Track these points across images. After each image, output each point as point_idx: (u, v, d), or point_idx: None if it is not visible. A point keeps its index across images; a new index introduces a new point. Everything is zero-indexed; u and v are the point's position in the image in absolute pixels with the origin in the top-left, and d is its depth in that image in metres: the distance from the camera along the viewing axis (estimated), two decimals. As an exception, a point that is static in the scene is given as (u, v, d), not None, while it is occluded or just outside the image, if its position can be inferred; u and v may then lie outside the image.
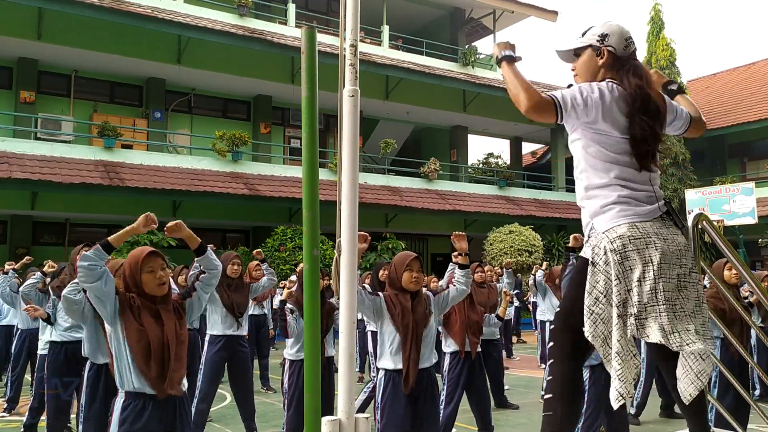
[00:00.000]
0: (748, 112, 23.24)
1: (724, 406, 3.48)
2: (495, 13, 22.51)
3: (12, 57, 15.99)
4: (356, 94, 2.16)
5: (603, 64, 2.55)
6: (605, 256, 2.39)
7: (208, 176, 15.88)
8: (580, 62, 2.62)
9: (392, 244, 16.96)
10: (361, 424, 2.09)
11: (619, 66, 2.55)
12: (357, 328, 2.29)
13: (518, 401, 7.81)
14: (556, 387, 2.43)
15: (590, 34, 2.61)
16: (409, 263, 3.96)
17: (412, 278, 3.95)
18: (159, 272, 3.13)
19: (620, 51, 2.56)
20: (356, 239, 2.14)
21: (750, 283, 3.25)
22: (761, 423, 5.59)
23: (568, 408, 2.41)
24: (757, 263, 21.29)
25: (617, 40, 2.56)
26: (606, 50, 2.55)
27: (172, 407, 3.07)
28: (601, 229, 2.44)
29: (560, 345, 2.47)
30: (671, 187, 21.32)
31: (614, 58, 2.55)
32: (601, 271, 2.38)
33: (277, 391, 8.20)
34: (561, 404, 2.41)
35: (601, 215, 2.45)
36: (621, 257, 2.35)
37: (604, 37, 2.56)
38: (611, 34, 2.56)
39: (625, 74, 2.52)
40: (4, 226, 15.96)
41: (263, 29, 17.95)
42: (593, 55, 2.58)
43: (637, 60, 2.60)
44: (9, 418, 6.93)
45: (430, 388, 4.02)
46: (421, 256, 4.12)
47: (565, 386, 2.42)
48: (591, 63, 2.58)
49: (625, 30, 2.59)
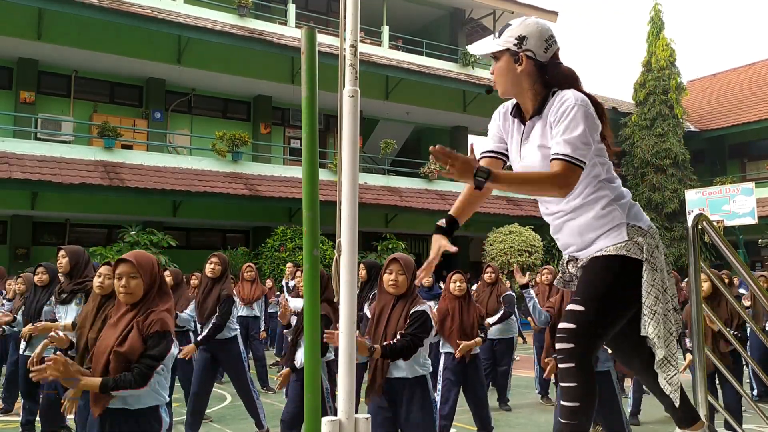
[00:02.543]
0: (748, 112, 23.23)
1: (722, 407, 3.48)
2: (495, 13, 22.52)
3: (12, 57, 15.99)
4: (356, 94, 2.15)
5: (522, 71, 2.37)
6: (657, 251, 2.38)
7: (208, 176, 15.88)
8: (498, 67, 2.42)
9: (392, 245, 16.97)
10: (361, 424, 2.09)
11: (545, 73, 2.37)
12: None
13: (518, 401, 7.81)
14: (583, 394, 2.25)
15: (507, 35, 2.39)
16: (387, 265, 3.81)
17: (390, 281, 3.78)
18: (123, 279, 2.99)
19: (540, 55, 2.37)
20: (356, 239, 2.14)
21: (750, 283, 3.25)
22: (761, 423, 5.59)
23: (591, 415, 2.32)
24: (757, 263, 21.30)
25: (536, 43, 2.37)
26: (524, 57, 2.36)
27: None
28: (645, 225, 2.43)
29: (586, 350, 2.28)
30: (671, 188, 21.30)
31: (535, 65, 2.36)
32: (657, 269, 2.35)
33: (276, 391, 8.20)
34: (587, 412, 2.27)
35: (634, 213, 2.45)
36: (661, 252, 2.40)
37: (521, 40, 2.36)
38: (529, 36, 2.37)
39: (563, 82, 2.36)
40: (4, 226, 15.96)
41: (263, 29, 17.95)
42: (510, 60, 2.38)
43: (561, 62, 2.43)
44: (7, 419, 6.93)
45: (412, 396, 3.72)
46: (420, 257, 4.07)
47: (592, 393, 2.28)
48: (509, 69, 2.39)
49: (544, 28, 2.40)
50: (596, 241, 2.42)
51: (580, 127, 2.25)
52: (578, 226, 2.45)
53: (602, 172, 2.43)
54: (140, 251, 3.16)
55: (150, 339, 2.90)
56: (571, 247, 2.53)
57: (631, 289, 2.37)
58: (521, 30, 2.38)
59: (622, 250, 2.35)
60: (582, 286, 2.42)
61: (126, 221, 15.37)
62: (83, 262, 5.05)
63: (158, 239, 14.03)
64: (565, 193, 2.25)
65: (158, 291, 3.05)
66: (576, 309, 2.31)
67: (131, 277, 2.98)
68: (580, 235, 2.45)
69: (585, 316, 2.28)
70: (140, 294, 2.99)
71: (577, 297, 2.36)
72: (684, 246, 20.03)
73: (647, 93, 22.07)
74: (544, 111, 2.38)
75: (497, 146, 2.60)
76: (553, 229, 2.59)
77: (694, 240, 2.96)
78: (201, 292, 5.92)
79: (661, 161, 21.48)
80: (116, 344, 2.88)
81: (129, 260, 2.99)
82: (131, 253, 3.08)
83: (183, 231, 17.93)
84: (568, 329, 2.28)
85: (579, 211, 2.43)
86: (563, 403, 2.30)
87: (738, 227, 18.03)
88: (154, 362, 2.88)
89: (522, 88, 2.41)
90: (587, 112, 2.28)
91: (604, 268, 2.37)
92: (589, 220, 2.42)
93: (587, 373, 2.26)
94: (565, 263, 2.60)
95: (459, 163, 2.11)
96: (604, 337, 2.41)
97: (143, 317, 2.94)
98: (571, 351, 2.26)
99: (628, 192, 2.52)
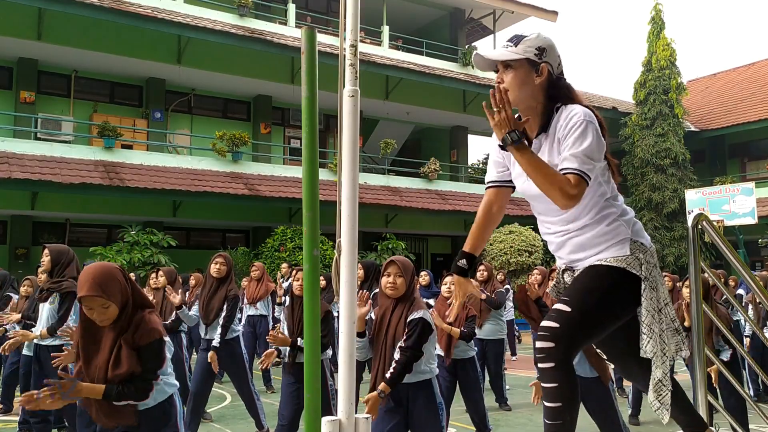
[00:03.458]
0: (748, 112, 23.24)
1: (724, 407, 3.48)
2: (495, 13, 22.51)
3: (12, 57, 15.99)
4: (356, 94, 2.15)
5: (540, 83, 2.36)
6: (655, 270, 2.39)
7: (208, 176, 15.88)
8: (512, 77, 2.35)
9: (392, 245, 16.97)
10: (361, 424, 2.09)
11: (556, 88, 2.37)
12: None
13: (518, 401, 7.81)
14: (564, 394, 2.26)
15: (526, 45, 2.35)
16: (385, 268, 3.79)
17: (388, 283, 3.74)
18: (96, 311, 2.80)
19: (555, 69, 2.38)
20: (356, 239, 2.13)
21: (750, 284, 3.25)
22: (761, 423, 5.60)
23: (575, 414, 2.32)
24: (757, 263, 21.29)
25: (553, 58, 2.37)
26: (546, 68, 2.35)
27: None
28: (647, 243, 2.44)
29: (567, 351, 2.26)
30: (671, 188, 21.30)
31: (550, 78, 2.36)
32: (654, 288, 2.35)
33: (276, 391, 8.20)
34: (571, 412, 2.28)
35: (637, 230, 2.45)
36: (659, 272, 2.41)
37: (541, 51, 2.34)
38: (548, 50, 2.35)
39: (571, 98, 2.37)
40: (4, 226, 15.96)
41: (263, 29, 17.95)
42: (530, 71, 2.34)
43: (566, 78, 2.44)
44: (7, 419, 6.93)
45: (418, 400, 3.70)
46: (421, 257, 4.05)
47: (574, 393, 2.28)
48: (527, 80, 2.34)
49: (556, 45, 2.40)
50: (599, 253, 2.41)
51: (587, 141, 2.25)
52: (582, 241, 2.43)
53: (608, 191, 2.43)
54: (98, 270, 2.82)
55: (144, 351, 2.81)
56: (571, 260, 2.51)
57: (622, 301, 2.36)
58: (540, 42, 2.35)
59: (623, 262, 2.34)
60: (573, 287, 2.39)
61: (126, 221, 15.37)
62: (65, 261, 5.08)
63: (158, 239, 14.04)
64: (570, 205, 2.23)
65: (134, 301, 2.88)
66: (562, 309, 2.28)
67: (103, 308, 2.78)
68: (584, 249, 2.43)
69: (570, 318, 2.26)
70: (116, 315, 2.82)
71: (566, 297, 2.33)
72: (684, 246, 20.02)
73: (647, 93, 22.07)
74: (550, 128, 2.37)
75: (500, 174, 2.59)
76: (554, 247, 2.55)
77: (694, 240, 2.96)
78: (206, 292, 5.90)
79: (661, 161, 21.47)
80: (111, 368, 2.76)
81: (93, 295, 2.74)
82: (91, 282, 2.75)
83: (183, 231, 17.94)
84: (550, 328, 2.25)
85: (585, 230, 2.42)
86: (546, 404, 2.29)
87: (738, 227, 18.02)
88: (152, 376, 2.83)
89: (536, 101, 2.39)
90: (595, 127, 2.29)
91: (600, 276, 2.36)
92: (595, 236, 2.41)
93: (567, 374, 2.25)
94: (561, 272, 2.59)
95: (503, 116, 2.16)
96: (586, 342, 2.41)
97: (129, 333, 2.81)
98: (551, 351, 2.23)
99: (631, 210, 2.52)
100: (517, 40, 2.36)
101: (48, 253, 5.07)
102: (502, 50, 2.38)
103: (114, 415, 2.80)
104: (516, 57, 2.34)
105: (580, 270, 2.45)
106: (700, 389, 2.97)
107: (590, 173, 2.23)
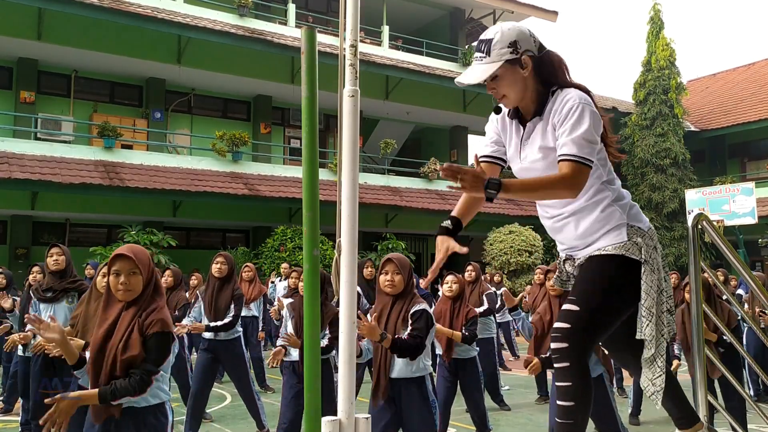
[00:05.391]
0: (748, 112, 23.24)
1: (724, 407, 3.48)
2: (495, 13, 22.52)
3: (12, 57, 15.99)
4: (356, 94, 2.15)
5: (529, 74, 2.36)
6: (654, 252, 2.39)
7: (207, 176, 15.88)
8: (501, 83, 2.36)
9: (392, 244, 16.97)
10: (361, 424, 2.09)
11: (542, 68, 2.38)
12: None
13: (518, 401, 7.81)
14: (578, 393, 2.26)
15: (497, 49, 2.32)
16: (382, 266, 3.83)
17: (386, 281, 3.78)
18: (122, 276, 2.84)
19: (537, 51, 2.38)
20: (356, 239, 2.14)
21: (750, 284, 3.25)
22: (761, 423, 5.60)
23: (587, 415, 2.32)
24: (757, 263, 21.31)
25: (528, 43, 2.37)
26: (527, 59, 2.35)
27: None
28: (645, 226, 2.45)
29: (581, 349, 2.28)
30: (671, 188, 21.30)
31: (534, 62, 2.36)
32: (654, 270, 2.37)
33: (276, 391, 8.20)
34: (583, 412, 2.28)
35: (634, 214, 2.46)
36: (659, 253, 2.41)
37: (514, 45, 2.33)
38: (520, 39, 2.34)
39: (559, 75, 2.38)
40: (4, 226, 15.96)
41: (263, 29, 17.96)
42: (514, 68, 2.34)
43: (548, 49, 2.43)
44: (7, 419, 6.93)
45: (411, 396, 3.74)
46: (421, 257, 4.07)
47: (587, 393, 2.28)
48: (516, 78, 2.35)
49: (522, 28, 2.40)
50: (596, 241, 2.42)
51: (584, 125, 2.25)
52: (579, 227, 2.45)
53: (604, 174, 2.44)
54: (135, 245, 2.98)
55: (150, 340, 2.76)
56: (570, 247, 2.53)
57: (628, 290, 2.37)
58: (508, 38, 2.33)
59: (621, 249, 2.36)
60: (578, 285, 2.42)
61: (126, 221, 15.37)
62: (72, 261, 5.11)
63: (158, 239, 14.03)
64: (577, 193, 2.26)
65: (154, 287, 2.90)
66: (571, 309, 2.32)
67: (131, 273, 2.81)
68: (581, 236, 2.45)
69: (580, 316, 2.29)
70: (139, 290, 2.83)
71: (573, 297, 2.36)
72: (684, 246, 20.02)
73: (647, 93, 22.07)
74: (545, 111, 2.38)
75: (494, 150, 2.60)
76: (551, 231, 2.58)
77: (694, 240, 2.96)
78: (210, 292, 5.89)
79: (661, 161, 21.47)
80: (121, 351, 2.73)
81: (128, 255, 2.81)
82: (127, 248, 2.89)
83: (183, 231, 17.94)
84: (563, 329, 2.28)
85: (580, 213, 2.43)
86: (559, 403, 2.31)
87: (738, 227, 18.02)
88: (155, 368, 2.77)
89: (530, 89, 2.40)
90: (591, 110, 2.29)
91: (601, 268, 2.38)
92: (591, 222, 2.42)
93: (582, 373, 2.27)
94: (562, 262, 2.61)
95: (469, 178, 2.11)
96: (600, 337, 2.42)
97: (143, 317, 2.80)
98: (566, 350, 2.26)
99: (627, 193, 2.53)
100: (487, 48, 2.33)
101: (62, 252, 5.00)
102: (478, 69, 2.35)
103: (102, 412, 2.78)
104: (495, 67, 2.32)
105: (580, 260, 2.48)
106: (700, 389, 2.97)
107: (590, 157, 2.25)
